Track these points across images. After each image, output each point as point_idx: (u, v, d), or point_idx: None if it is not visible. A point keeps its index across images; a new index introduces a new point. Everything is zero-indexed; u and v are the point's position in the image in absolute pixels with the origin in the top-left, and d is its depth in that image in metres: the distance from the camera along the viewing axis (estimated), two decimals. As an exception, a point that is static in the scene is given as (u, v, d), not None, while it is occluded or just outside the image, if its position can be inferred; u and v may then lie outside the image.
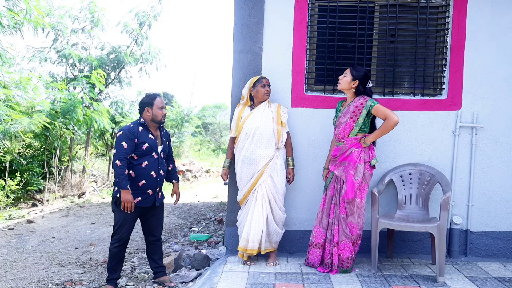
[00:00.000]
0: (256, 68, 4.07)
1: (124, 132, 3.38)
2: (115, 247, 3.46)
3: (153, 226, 3.66)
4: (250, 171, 3.69)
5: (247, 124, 3.72)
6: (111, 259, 3.49)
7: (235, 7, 4.08)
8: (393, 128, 3.44)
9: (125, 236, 3.47)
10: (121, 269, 3.63)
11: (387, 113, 3.43)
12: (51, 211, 7.23)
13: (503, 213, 4.09)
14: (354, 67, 3.60)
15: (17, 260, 4.45)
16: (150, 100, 3.49)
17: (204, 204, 8.53)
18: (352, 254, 3.56)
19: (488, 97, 4.06)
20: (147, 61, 9.97)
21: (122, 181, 3.30)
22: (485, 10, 4.01)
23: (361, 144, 3.52)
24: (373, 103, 3.48)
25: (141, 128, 3.46)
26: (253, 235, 3.64)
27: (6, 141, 7.55)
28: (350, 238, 3.53)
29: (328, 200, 3.65)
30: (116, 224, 3.47)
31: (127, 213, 3.38)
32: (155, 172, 3.48)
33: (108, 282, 3.53)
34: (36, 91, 7.48)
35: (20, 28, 7.09)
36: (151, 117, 3.49)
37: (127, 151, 3.34)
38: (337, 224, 3.56)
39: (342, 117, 3.59)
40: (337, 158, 3.61)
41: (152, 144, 3.46)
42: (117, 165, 3.31)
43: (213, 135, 23.89)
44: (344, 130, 3.55)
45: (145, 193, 3.46)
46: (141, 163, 3.41)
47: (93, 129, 9.19)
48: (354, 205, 3.52)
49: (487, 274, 3.62)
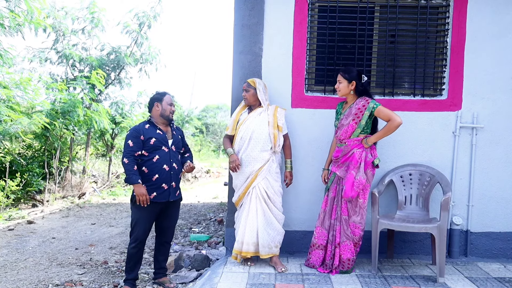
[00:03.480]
0: (256, 69, 4.07)
1: (130, 131, 3.50)
2: (132, 247, 3.48)
3: (166, 227, 3.67)
4: (245, 173, 3.69)
5: (243, 129, 3.72)
6: (129, 260, 3.51)
7: (235, 7, 4.09)
8: (396, 130, 3.44)
9: (141, 235, 3.47)
10: (139, 269, 3.61)
11: (390, 115, 3.43)
12: (51, 212, 7.23)
13: (503, 213, 4.09)
14: (344, 71, 3.59)
15: (17, 260, 4.45)
16: (160, 96, 3.59)
17: (204, 204, 8.53)
18: (354, 255, 3.56)
19: (488, 98, 4.06)
20: (147, 61, 9.98)
21: (132, 176, 3.36)
22: (485, 10, 4.01)
23: (363, 144, 3.53)
24: (375, 105, 3.48)
25: (148, 126, 3.53)
26: (248, 238, 3.63)
27: (6, 142, 7.55)
28: (351, 239, 3.53)
29: (330, 201, 3.65)
30: (132, 223, 3.50)
31: (143, 211, 3.41)
32: (168, 165, 3.49)
33: (125, 283, 3.53)
34: (37, 91, 7.49)
35: (21, 29, 7.10)
36: (160, 111, 3.55)
37: (133, 149, 3.40)
38: (339, 225, 3.56)
39: (344, 119, 3.59)
40: (339, 159, 3.61)
41: (160, 138, 3.49)
42: (125, 162, 3.38)
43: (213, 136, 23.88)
44: (346, 131, 3.55)
45: (160, 188, 3.47)
46: (152, 158, 3.45)
47: (93, 130, 9.20)
48: (356, 205, 3.52)
49: (487, 275, 3.62)
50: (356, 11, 4.11)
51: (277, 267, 3.65)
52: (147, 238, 3.56)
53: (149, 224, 3.51)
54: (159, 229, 3.69)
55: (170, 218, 3.67)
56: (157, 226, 3.69)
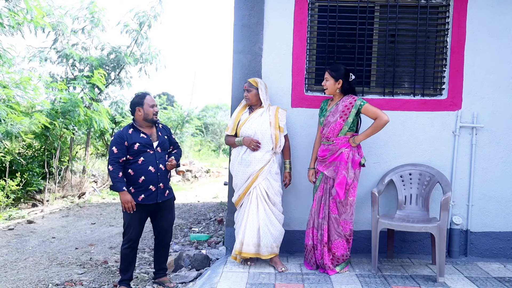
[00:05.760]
0: (256, 69, 4.07)
1: (114, 138, 3.47)
2: (125, 248, 3.49)
3: (162, 229, 3.66)
4: (246, 173, 3.69)
5: (245, 130, 3.72)
6: (123, 260, 3.52)
7: (235, 7, 4.08)
8: (383, 128, 3.45)
9: (134, 236, 3.49)
10: (133, 269, 3.63)
11: (377, 113, 3.43)
12: (51, 212, 7.23)
13: (503, 213, 4.09)
14: (331, 68, 3.58)
15: (17, 260, 4.45)
16: (140, 100, 3.51)
17: (204, 204, 8.53)
18: (347, 250, 3.60)
19: (488, 97, 4.06)
20: (147, 61, 9.97)
21: (117, 184, 3.37)
22: (485, 10, 4.01)
23: (350, 143, 3.53)
24: (362, 102, 3.49)
25: (131, 130, 3.48)
26: (248, 239, 3.62)
27: (6, 142, 7.55)
28: (343, 236, 3.56)
29: (317, 201, 3.65)
30: (124, 225, 3.52)
31: (133, 214, 3.44)
32: (153, 167, 3.47)
33: (120, 283, 3.54)
34: (36, 91, 7.48)
35: (21, 28, 7.09)
36: (142, 116, 3.50)
37: (118, 155, 3.39)
38: (326, 224, 3.58)
39: (330, 117, 3.58)
40: (326, 158, 3.60)
41: (144, 142, 3.46)
42: (110, 170, 3.40)
43: (213, 135, 23.85)
44: (333, 129, 3.55)
45: (147, 190, 3.46)
46: (137, 160, 3.44)
47: (93, 130, 9.19)
48: (347, 203, 3.54)
49: (487, 274, 3.62)
50: (356, 11, 4.10)
51: (277, 267, 3.65)
52: (140, 238, 3.58)
53: (141, 225, 3.54)
54: (156, 231, 3.69)
55: (166, 220, 3.65)
56: (154, 228, 3.69)
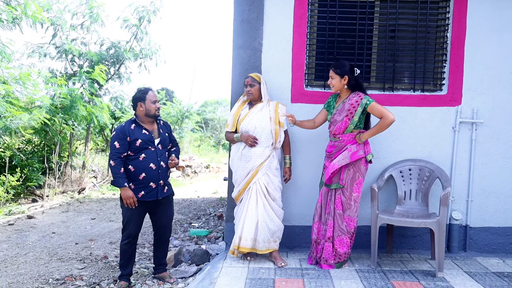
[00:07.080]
0: (256, 64, 4.06)
1: (116, 132, 3.42)
2: (125, 243, 3.50)
3: (161, 224, 3.65)
4: (245, 168, 3.69)
5: (244, 125, 3.71)
6: (122, 256, 3.53)
7: (235, 2, 4.07)
8: (389, 127, 3.45)
9: (133, 231, 3.50)
10: (133, 264, 3.64)
11: (383, 112, 3.43)
12: (51, 207, 7.24)
13: (503, 208, 4.10)
14: (335, 65, 3.57)
15: (17, 255, 4.46)
16: (142, 95, 3.49)
17: (204, 199, 8.54)
18: (349, 248, 3.60)
19: (488, 93, 4.05)
20: (147, 56, 9.94)
21: (119, 179, 3.35)
22: (486, 5, 4.00)
23: (356, 140, 3.53)
24: (368, 101, 3.48)
25: (134, 126, 3.46)
26: (246, 233, 3.62)
27: (6, 137, 7.54)
28: (347, 233, 3.56)
29: (323, 196, 3.66)
30: (124, 220, 3.52)
31: (133, 210, 3.43)
32: (154, 164, 3.46)
33: (120, 279, 3.54)
34: (36, 86, 7.47)
35: (19, 23, 7.06)
36: (144, 112, 3.48)
37: (120, 151, 3.37)
38: (331, 220, 3.58)
39: (337, 115, 3.58)
40: (332, 154, 3.62)
41: (146, 139, 3.44)
42: (112, 165, 3.37)
43: (213, 131, 23.85)
44: (340, 127, 3.56)
45: (148, 187, 3.45)
46: (138, 156, 3.42)
47: (93, 125, 9.19)
48: (351, 199, 3.54)
49: (486, 269, 3.63)
50: (356, 6, 4.09)
51: (277, 262, 3.66)
52: (139, 233, 3.59)
53: (140, 221, 3.54)
54: (156, 227, 3.68)
55: (165, 215, 3.64)
56: (153, 224, 3.69)
